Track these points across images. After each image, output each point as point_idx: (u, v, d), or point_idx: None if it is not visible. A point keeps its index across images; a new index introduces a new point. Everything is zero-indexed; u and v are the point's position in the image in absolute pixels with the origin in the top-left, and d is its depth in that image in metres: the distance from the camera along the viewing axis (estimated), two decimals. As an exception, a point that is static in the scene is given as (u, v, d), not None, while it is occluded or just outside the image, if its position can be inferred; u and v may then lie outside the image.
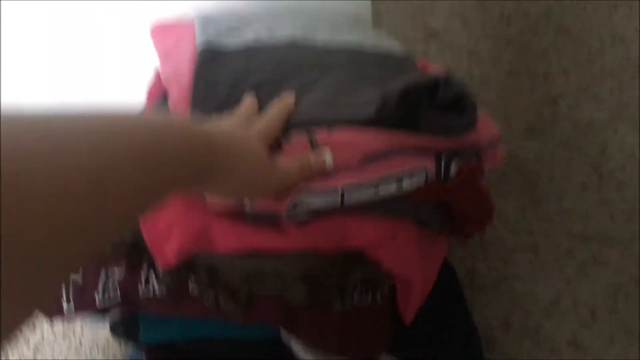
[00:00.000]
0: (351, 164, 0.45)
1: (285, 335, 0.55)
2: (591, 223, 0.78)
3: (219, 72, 0.56)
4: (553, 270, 0.74)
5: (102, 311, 0.57)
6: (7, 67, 0.88)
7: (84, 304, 0.54)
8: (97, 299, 0.53)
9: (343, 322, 0.55)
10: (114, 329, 0.61)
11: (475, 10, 0.95)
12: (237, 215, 0.49)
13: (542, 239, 0.78)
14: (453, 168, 0.49)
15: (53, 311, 0.56)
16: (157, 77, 0.65)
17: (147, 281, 0.52)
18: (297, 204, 0.45)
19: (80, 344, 0.77)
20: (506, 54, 0.94)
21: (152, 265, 0.53)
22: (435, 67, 0.66)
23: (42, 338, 0.79)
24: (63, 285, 0.55)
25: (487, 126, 0.54)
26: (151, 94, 0.64)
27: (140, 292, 0.52)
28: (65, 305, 0.55)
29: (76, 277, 0.55)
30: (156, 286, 0.52)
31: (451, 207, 0.53)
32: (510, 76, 1.03)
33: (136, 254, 0.54)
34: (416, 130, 0.48)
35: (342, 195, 0.45)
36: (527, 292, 0.72)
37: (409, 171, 0.47)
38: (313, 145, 0.45)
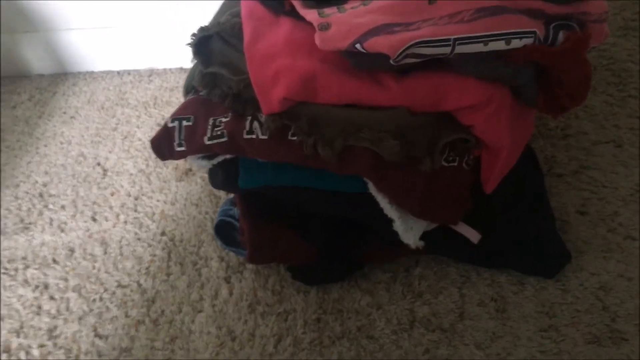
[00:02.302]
0: (463, 16, 0.46)
1: (373, 189, 0.59)
2: (681, 123, 0.77)
3: None
4: (636, 164, 0.74)
5: (209, 154, 0.62)
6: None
7: (195, 146, 0.59)
8: (205, 139, 0.58)
9: (428, 182, 0.57)
10: (212, 177, 0.66)
11: None
12: (343, 60, 0.51)
13: (628, 133, 0.77)
14: (561, 36, 0.50)
15: (166, 153, 0.62)
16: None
17: (250, 127, 0.57)
18: (409, 53, 0.47)
19: (176, 199, 0.84)
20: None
21: (255, 114, 0.57)
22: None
23: (141, 191, 0.87)
24: (176, 129, 0.60)
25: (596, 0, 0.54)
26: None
27: (244, 135, 0.56)
28: (177, 147, 0.60)
29: (188, 123, 0.60)
30: (259, 131, 0.56)
31: (549, 76, 0.53)
32: (611, -28, 0.98)
33: (240, 103, 0.58)
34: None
35: (453, 46, 0.47)
36: (606, 182, 0.73)
37: (519, 31, 0.48)
38: None
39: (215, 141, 0.57)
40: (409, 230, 0.61)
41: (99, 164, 0.93)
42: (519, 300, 0.65)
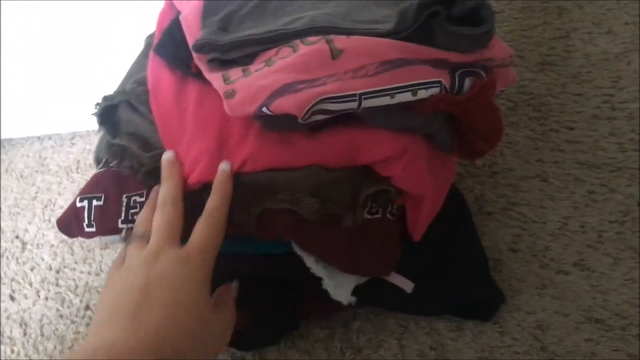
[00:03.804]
0: (368, 70, 0.46)
1: (297, 249, 0.57)
2: (601, 152, 0.79)
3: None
4: (562, 197, 0.75)
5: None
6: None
7: (107, 228, 0.56)
8: (119, 222, 0.54)
9: (353, 237, 0.56)
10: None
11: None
12: (251, 121, 0.50)
13: (552, 167, 0.78)
14: (467, 83, 0.50)
15: (75, 232, 0.58)
16: (167, 6, 0.66)
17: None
18: (315, 110, 0.46)
19: (101, 268, 0.80)
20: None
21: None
22: None
23: (63, 263, 0.82)
24: (85, 210, 0.56)
25: (500, 45, 0.54)
26: (161, 22, 0.65)
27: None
28: (87, 228, 0.57)
29: (98, 202, 0.56)
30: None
31: (461, 123, 0.53)
32: (524, 10, 1.02)
33: (153, 178, 0.55)
34: (432, 44, 0.49)
35: (360, 101, 0.46)
36: (535, 217, 0.73)
37: (424, 82, 0.47)
38: (331, 49, 0.45)
39: (131, 225, 0.54)
40: (339, 287, 0.59)
41: (17, 237, 0.88)
42: (459, 346, 0.64)
